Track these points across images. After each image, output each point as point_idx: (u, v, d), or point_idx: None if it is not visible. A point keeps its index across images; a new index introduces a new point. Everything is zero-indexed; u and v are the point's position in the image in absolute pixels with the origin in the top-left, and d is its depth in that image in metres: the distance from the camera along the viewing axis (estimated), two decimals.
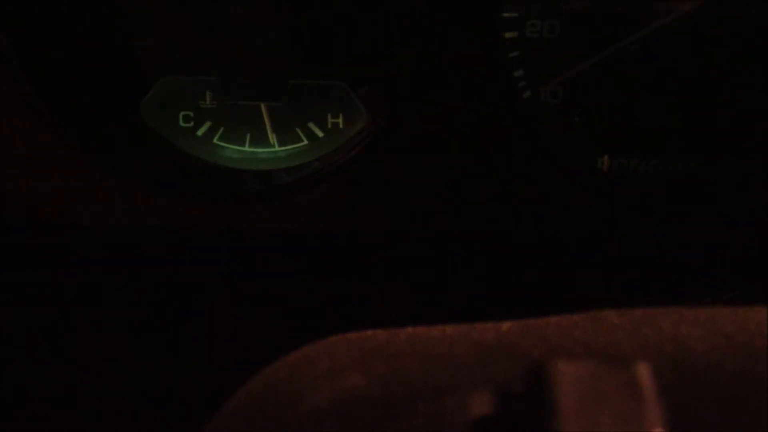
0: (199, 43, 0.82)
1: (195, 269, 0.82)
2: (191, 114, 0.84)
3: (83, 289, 0.81)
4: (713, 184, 0.79)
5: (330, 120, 0.83)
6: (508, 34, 0.77)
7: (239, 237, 0.80)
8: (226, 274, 0.82)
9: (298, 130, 0.84)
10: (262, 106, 0.83)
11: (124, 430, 0.81)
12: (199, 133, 0.85)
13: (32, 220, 0.79)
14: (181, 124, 0.84)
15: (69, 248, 0.81)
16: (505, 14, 0.76)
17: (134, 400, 0.80)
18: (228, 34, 0.81)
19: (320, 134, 0.84)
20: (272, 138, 0.84)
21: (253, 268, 0.82)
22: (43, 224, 0.79)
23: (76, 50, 0.81)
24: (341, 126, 0.84)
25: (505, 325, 0.40)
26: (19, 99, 0.75)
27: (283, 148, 0.85)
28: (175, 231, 0.79)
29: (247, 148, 0.85)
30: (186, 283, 0.81)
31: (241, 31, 0.81)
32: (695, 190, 0.79)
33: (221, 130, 0.84)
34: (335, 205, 0.78)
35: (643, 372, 0.31)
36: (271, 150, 0.85)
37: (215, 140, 0.85)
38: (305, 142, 0.84)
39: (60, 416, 0.81)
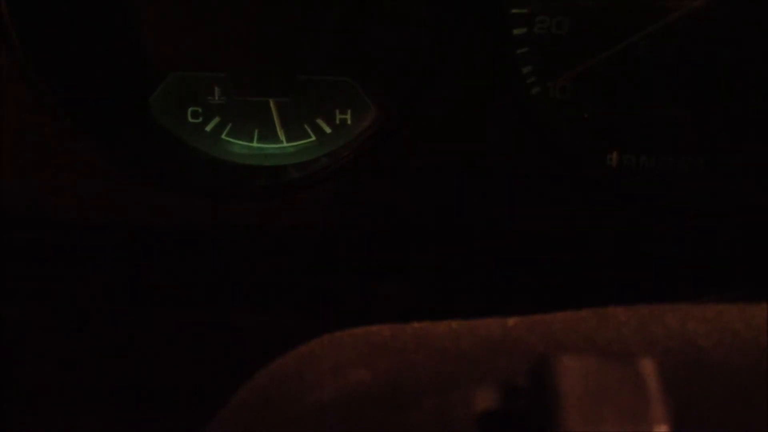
0: (208, 39, 0.82)
1: (202, 264, 0.82)
2: (200, 110, 0.84)
3: (90, 285, 0.81)
4: (722, 180, 0.79)
5: (338, 116, 0.83)
6: (516, 31, 0.77)
7: (247, 233, 0.80)
8: (233, 269, 0.82)
9: (306, 126, 0.84)
10: (271, 102, 0.83)
11: (132, 423, 0.81)
12: (208, 128, 0.85)
13: (39, 216, 0.79)
14: (190, 119, 0.85)
15: (75, 245, 0.81)
16: (514, 10, 0.76)
17: (141, 395, 0.80)
18: (237, 29, 0.81)
19: (328, 130, 0.84)
20: (281, 134, 0.84)
21: (261, 263, 0.82)
22: (50, 221, 0.79)
23: (84, 46, 0.81)
24: (349, 122, 0.84)
25: (512, 321, 0.40)
26: (27, 94, 0.76)
27: (291, 143, 0.85)
28: (182, 226, 0.79)
29: (255, 144, 0.85)
30: (193, 279, 0.82)
31: (250, 26, 0.81)
32: (704, 187, 0.79)
33: (229, 125, 0.85)
34: (343, 201, 0.78)
35: (648, 368, 0.31)
36: (279, 146, 0.85)
37: (223, 136, 0.85)
38: (313, 137, 0.84)
39: (66, 413, 0.81)
